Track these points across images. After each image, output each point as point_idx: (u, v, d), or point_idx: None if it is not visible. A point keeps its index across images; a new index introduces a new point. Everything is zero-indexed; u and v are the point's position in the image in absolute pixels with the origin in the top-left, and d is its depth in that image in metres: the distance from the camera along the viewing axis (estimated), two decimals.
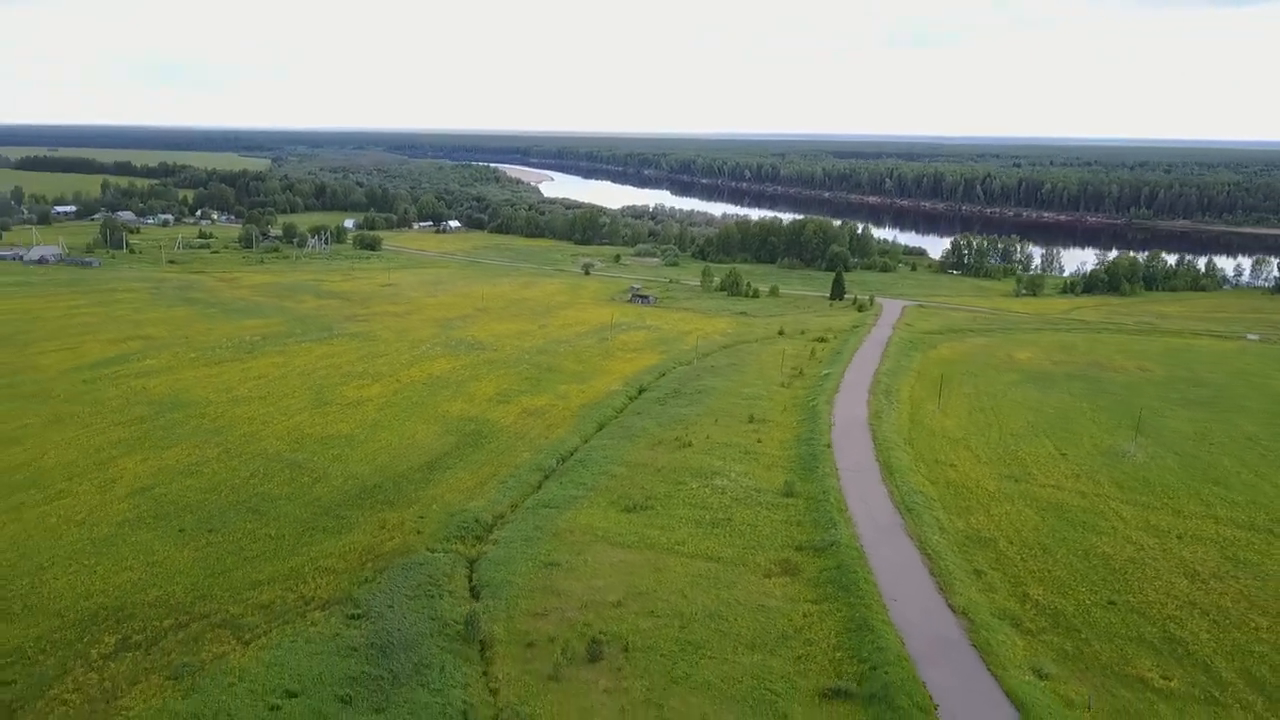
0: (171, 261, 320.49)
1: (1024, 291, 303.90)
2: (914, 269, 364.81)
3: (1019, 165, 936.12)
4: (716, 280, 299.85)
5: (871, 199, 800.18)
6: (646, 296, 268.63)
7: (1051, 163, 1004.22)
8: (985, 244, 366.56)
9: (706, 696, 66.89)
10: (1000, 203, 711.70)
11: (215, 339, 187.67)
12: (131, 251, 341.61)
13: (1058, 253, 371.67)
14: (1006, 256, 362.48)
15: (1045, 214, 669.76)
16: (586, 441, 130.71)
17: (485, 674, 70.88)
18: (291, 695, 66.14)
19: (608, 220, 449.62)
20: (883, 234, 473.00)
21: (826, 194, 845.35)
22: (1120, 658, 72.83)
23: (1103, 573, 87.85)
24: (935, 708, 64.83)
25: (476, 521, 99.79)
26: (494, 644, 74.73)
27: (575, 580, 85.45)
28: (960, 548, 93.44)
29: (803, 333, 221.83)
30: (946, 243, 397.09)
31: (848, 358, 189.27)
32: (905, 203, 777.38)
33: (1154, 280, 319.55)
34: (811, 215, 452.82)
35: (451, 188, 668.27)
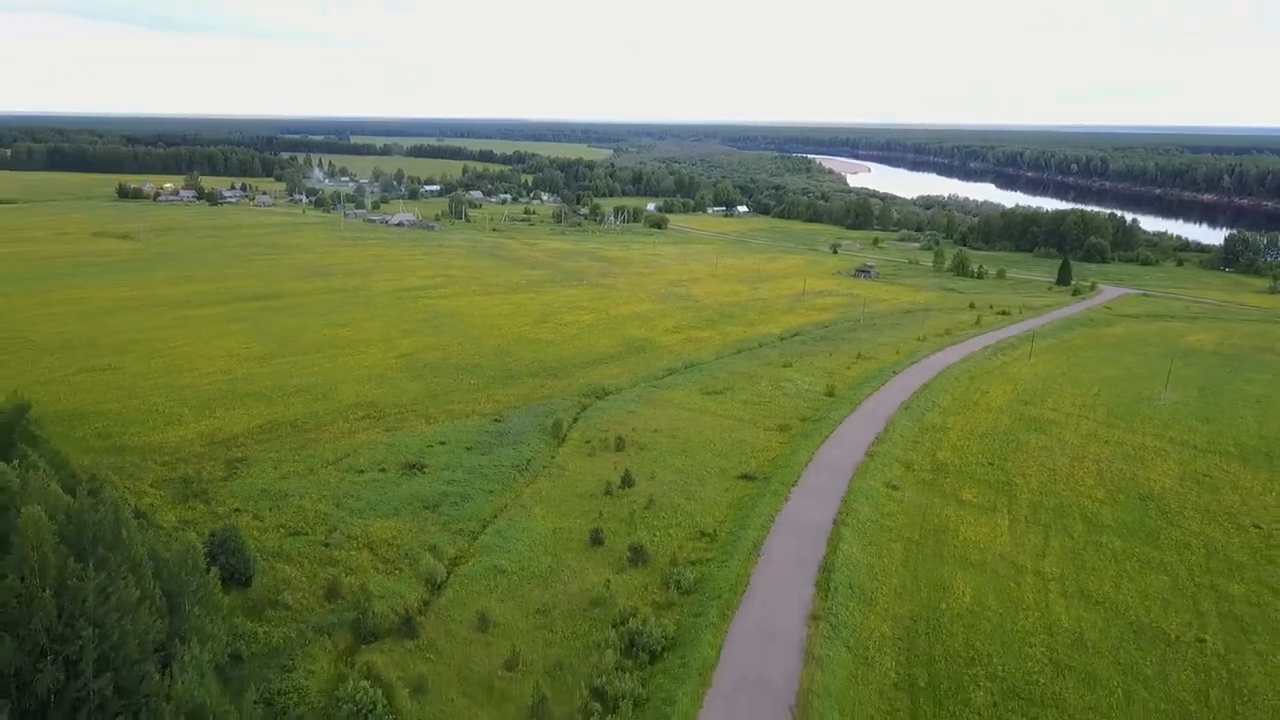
0: (494, 230, 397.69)
1: None
2: (1179, 264, 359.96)
3: None
4: (947, 261, 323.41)
5: (1206, 197, 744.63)
6: (868, 271, 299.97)
7: None
8: (1264, 241, 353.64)
9: (666, 468, 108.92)
10: None
11: (496, 281, 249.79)
12: (467, 221, 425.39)
13: None
14: None
15: None
16: (718, 359, 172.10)
17: (553, 451, 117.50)
18: (441, 443, 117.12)
19: (879, 206, 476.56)
20: (1198, 234, 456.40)
21: (1157, 190, 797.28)
22: (958, 486, 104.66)
23: (1008, 451, 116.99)
24: (796, 484, 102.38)
25: (603, 390, 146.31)
26: (568, 440, 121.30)
27: (639, 420, 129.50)
28: (920, 431, 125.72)
29: (991, 307, 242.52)
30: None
31: (1005, 326, 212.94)
32: (1245, 201, 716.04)
33: None
34: (1136, 212, 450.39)
35: (758, 177, 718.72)
